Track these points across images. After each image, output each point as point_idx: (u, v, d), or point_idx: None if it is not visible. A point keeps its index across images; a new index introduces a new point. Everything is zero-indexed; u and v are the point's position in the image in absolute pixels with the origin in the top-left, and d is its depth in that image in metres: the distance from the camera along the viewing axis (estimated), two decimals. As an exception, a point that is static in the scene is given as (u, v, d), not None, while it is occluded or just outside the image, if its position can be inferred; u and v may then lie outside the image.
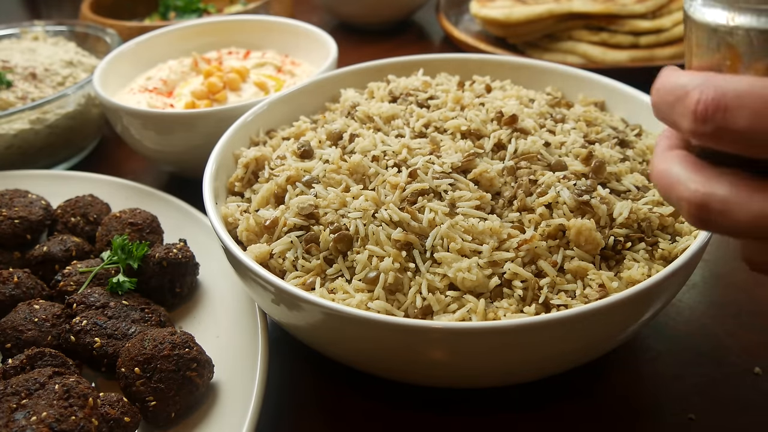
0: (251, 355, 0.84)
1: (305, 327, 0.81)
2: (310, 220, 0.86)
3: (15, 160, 1.31)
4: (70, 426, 0.69)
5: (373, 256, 0.80)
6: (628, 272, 0.78)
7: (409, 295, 0.77)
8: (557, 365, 0.81)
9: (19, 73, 1.41)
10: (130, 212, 1.03)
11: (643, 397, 0.87)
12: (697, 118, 0.49)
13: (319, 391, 0.90)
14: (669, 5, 1.60)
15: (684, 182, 0.52)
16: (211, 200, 0.90)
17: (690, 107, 0.50)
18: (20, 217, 1.03)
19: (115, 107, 1.20)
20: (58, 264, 0.98)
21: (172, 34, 1.47)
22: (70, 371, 0.78)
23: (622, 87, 1.07)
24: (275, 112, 1.09)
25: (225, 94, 1.30)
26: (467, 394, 0.88)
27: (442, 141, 0.93)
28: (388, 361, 0.80)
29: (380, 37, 1.95)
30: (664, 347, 0.92)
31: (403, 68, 1.16)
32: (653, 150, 0.62)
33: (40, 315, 0.88)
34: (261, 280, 0.77)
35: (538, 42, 1.67)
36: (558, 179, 0.85)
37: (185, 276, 0.96)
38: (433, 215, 0.81)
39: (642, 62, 1.54)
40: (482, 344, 0.72)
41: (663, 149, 0.57)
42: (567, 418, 0.85)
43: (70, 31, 1.64)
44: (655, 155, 0.58)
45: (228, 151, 1.00)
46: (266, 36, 1.50)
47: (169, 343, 0.80)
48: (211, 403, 0.82)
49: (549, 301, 0.76)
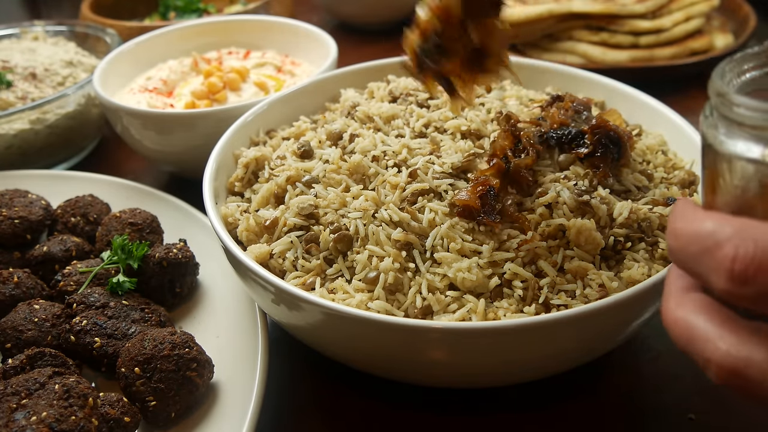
0: (251, 355, 0.84)
1: (305, 327, 0.81)
2: (310, 220, 0.86)
3: (15, 160, 1.31)
4: (70, 426, 0.69)
5: (373, 256, 0.80)
6: (628, 272, 0.78)
7: (409, 295, 0.77)
8: (557, 365, 0.81)
9: (19, 73, 1.41)
10: (130, 212, 1.03)
11: (643, 397, 0.87)
12: (734, 278, 0.42)
13: (319, 391, 0.90)
14: (669, 5, 1.60)
15: (712, 340, 0.44)
16: (211, 200, 0.89)
17: (724, 264, 0.42)
18: (20, 217, 1.03)
19: (115, 107, 1.20)
20: (58, 264, 0.98)
21: (172, 34, 1.47)
22: (70, 371, 0.79)
23: (622, 87, 1.07)
24: (275, 112, 1.09)
25: (225, 94, 1.30)
26: (467, 394, 0.88)
27: (442, 141, 0.93)
28: (388, 361, 0.80)
29: (380, 37, 1.94)
30: (664, 347, 0.92)
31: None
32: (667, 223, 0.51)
33: (40, 315, 0.88)
34: (261, 280, 0.77)
35: (538, 42, 1.67)
36: (558, 179, 0.85)
37: (185, 276, 0.96)
38: (433, 215, 0.81)
39: (642, 62, 1.54)
40: (482, 344, 0.72)
41: (679, 291, 0.49)
42: (567, 417, 0.85)
43: (70, 31, 1.64)
44: (669, 296, 0.49)
45: (228, 151, 1.00)
46: (266, 36, 1.50)
47: (169, 343, 0.80)
48: (211, 403, 0.82)
49: (549, 301, 0.76)
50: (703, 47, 1.59)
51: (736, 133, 0.46)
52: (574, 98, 0.96)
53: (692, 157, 0.94)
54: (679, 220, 0.47)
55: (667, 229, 0.48)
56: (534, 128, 0.89)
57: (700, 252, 0.44)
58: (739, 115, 0.46)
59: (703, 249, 0.44)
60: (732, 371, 0.43)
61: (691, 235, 0.45)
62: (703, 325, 0.45)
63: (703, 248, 0.44)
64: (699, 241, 0.44)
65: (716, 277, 0.43)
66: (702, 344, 0.45)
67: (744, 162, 0.46)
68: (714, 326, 0.45)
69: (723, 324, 0.45)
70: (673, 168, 0.94)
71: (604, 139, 0.86)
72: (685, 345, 0.47)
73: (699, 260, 0.44)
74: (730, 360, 0.43)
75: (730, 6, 1.76)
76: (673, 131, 0.99)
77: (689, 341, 0.46)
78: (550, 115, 0.91)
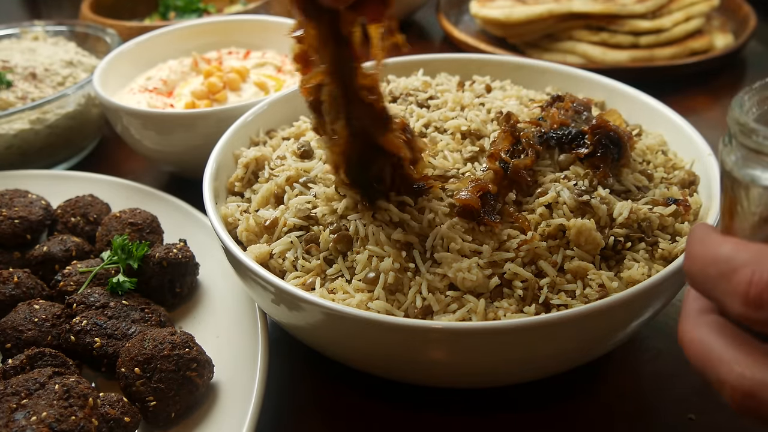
0: (251, 355, 0.84)
1: (305, 327, 0.81)
2: (309, 221, 0.86)
3: (15, 160, 1.31)
4: (70, 426, 0.69)
5: (373, 257, 0.80)
6: (628, 272, 0.78)
7: (409, 295, 0.77)
8: (557, 365, 0.81)
9: (19, 73, 1.41)
10: (130, 212, 1.03)
11: (643, 397, 0.87)
12: (749, 302, 0.43)
13: (319, 391, 0.90)
14: (669, 5, 1.61)
15: (727, 362, 0.45)
16: (211, 200, 0.90)
17: (740, 289, 0.43)
18: (20, 217, 1.03)
19: (115, 107, 1.20)
20: (58, 264, 0.98)
21: (172, 34, 1.47)
22: (70, 371, 0.78)
23: (622, 87, 1.07)
24: (275, 112, 1.09)
25: (225, 94, 1.30)
26: (467, 394, 0.88)
27: (442, 141, 0.93)
28: (388, 361, 0.80)
29: (380, 37, 1.94)
30: (664, 347, 0.92)
31: (403, 68, 1.16)
32: (686, 247, 0.51)
33: (40, 315, 0.88)
34: (261, 280, 0.77)
35: (538, 42, 1.67)
36: (558, 179, 0.85)
37: (185, 276, 0.96)
38: (433, 215, 0.81)
39: (642, 62, 1.54)
40: (482, 344, 0.72)
41: (695, 312, 0.50)
42: (566, 417, 0.85)
43: (70, 31, 1.64)
44: (686, 318, 0.50)
45: (228, 151, 1.00)
46: (266, 36, 1.49)
47: (169, 343, 0.80)
48: (211, 403, 0.82)
49: (549, 301, 0.76)
50: (703, 47, 1.59)
51: (755, 161, 0.48)
52: (574, 98, 0.96)
53: (692, 157, 0.94)
54: (698, 244, 0.48)
55: (684, 253, 0.50)
56: (534, 128, 0.89)
57: (716, 276, 0.45)
58: (757, 143, 0.47)
59: (720, 273, 0.45)
60: (747, 393, 0.43)
61: (708, 259, 0.46)
62: (718, 346, 0.46)
63: (719, 272, 0.45)
64: (716, 265, 0.45)
65: (732, 300, 0.44)
66: (717, 366, 0.45)
67: (761, 189, 0.47)
68: (730, 348, 0.45)
69: (739, 347, 0.45)
70: (673, 168, 0.94)
71: (604, 140, 0.87)
72: (700, 366, 0.47)
73: (716, 284, 0.45)
74: (746, 382, 0.43)
75: (730, 6, 1.76)
76: (673, 131, 0.99)
77: (705, 362, 0.47)
78: (550, 115, 0.91)
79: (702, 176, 0.91)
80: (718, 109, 1.52)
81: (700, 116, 1.47)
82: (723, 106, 1.53)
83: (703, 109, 1.51)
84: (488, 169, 0.84)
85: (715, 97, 1.55)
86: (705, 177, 0.90)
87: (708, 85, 1.58)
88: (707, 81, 1.58)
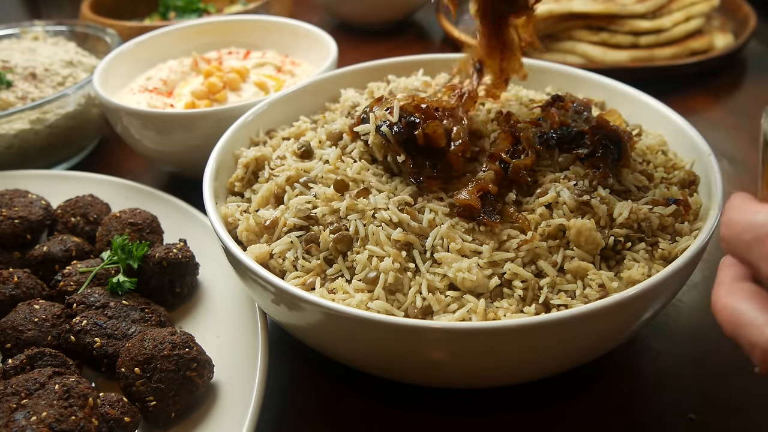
0: (251, 355, 0.84)
1: (305, 327, 0.81)
2: (309, 220, 0.86)
3: (15, 160, 1.31)
4: (70, 426, 0.69)
5: (373, 256, 0.80)
6: (628, 272, 0.78)
7: (409, 295, 0.77)
8: (557, 365, 0.81)
9: (19, 73, 1.41)
10: (130, 212, 1.03)
11: (643, 397, 0.87)
12: None
13: (319, 391, 0.90)
14: (669, 5, 1.61)
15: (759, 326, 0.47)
16: (211, 200, 0.90)
17: None
18: (20, 217, 1.03)
19: (115, 107, 1.21)
20: (58, 264, 0.98)
21: (172, 34, 1.47)
22: (70, 371, 0.78)
23: (622, 87, 1.07)
24: (275, 112, 1.09)
25: (225, 94, 1.30)
26: (466, 394, 0.88)
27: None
28: (388, 361, 0.80)
29: (380, 37, 1.94)
30: (664, 347, 0.92)
31: (403, 68, 1.16)
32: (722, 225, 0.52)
33: (40, 315, 0.88)
34: (261, 280, 0.77)
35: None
36: (558, 179, 0.85)
37: (185, 276, 0.96)
38: (433, 215, 0.81)
39: (642, 62, 1.54)
40: (482, 344, 0.72)
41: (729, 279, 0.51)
42: (567, 417, 0.85)
43: (70, 31, 1.64)
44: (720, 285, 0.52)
45: (228, 151, 1.00)
46: (266, 36, 1.50)
47: (169, 343, 0.80)
48: (211, 403, 0.82)
49: (549, 301, 0.76)
50: (703, 47, 1.59)
51: None
52: (574, 98, 0.96)
53: (692, 157, 0.94)
54: (735, 210, 0.50)
55: (721, 219, 0.51)
56: (534, 128, 0.89)
57: (752, 241, 0.47)
58: None
59: (755, 238, 0.47)
60: None
61: (744, 224, 0.48)
62: (750, 311, 0.48)
63: (755, 237, 0.47)
64: (752, 230, 0.47)
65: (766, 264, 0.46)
66: (749, 329, 0.47)
67: None
68: (761, 313, 0.47)
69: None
70: (673, 168, 0.94)
71: (604, 140, 0.87)
72: (731, 330, 0.49)
73: (750, 249, 0.47)
74: None
75: (730, 6, 1.76)
76: (673, 131, 0.99)
77: (736, 327, 0.48)
78: (550, 116, 0.91)
79: (702, 176, 0.91)
80: (718, 109, 1.52)
81: (700, 116, 1.47)
82: (723, 106, 1.53)
83: (703, 109, 1.51)
84: (488, 170, 0.84)
85: (715, 97, 1.55)
86: (705, 177, 0.90)
87: (708, 85, 1.58)
88: (707, 81, 1.58)
